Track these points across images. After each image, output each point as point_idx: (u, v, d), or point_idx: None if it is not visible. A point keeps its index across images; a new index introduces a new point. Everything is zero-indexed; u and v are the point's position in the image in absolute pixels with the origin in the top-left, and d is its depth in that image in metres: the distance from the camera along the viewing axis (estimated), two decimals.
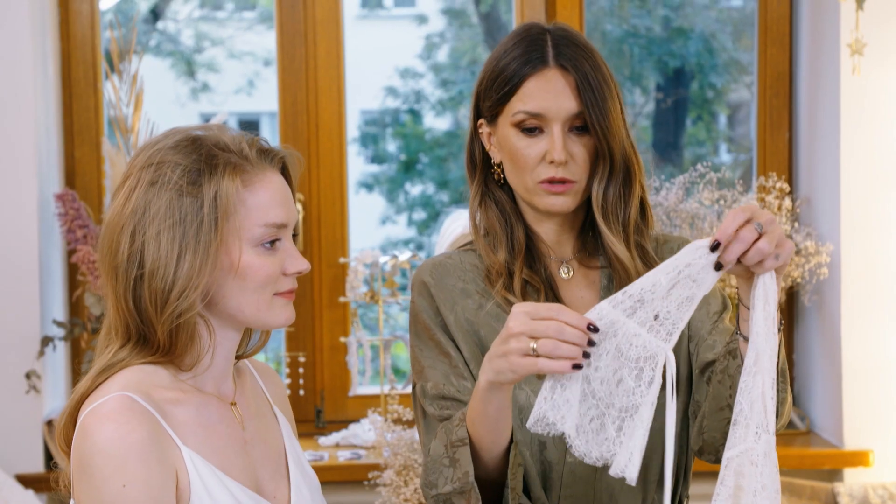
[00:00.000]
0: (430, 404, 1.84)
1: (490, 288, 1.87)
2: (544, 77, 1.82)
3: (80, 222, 3.18)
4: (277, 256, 1.64)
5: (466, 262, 1.91)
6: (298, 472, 1.75)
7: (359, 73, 3.90)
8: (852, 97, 3.22)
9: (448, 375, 1.84)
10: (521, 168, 1.85)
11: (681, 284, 1.58)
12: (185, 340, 1.61)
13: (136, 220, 1.59)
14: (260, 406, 1.76)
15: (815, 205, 3.41)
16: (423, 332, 1.88)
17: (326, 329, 3.49)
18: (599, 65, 1.84)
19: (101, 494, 1.52)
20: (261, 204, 1.62)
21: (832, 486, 3.19)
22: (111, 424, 1.53)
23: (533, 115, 1.82)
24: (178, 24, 6.96)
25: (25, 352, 3.16)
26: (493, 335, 1.82)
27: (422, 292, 1.89)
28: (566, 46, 1.84)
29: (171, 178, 1.59)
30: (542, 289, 1.87)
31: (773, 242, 1.57)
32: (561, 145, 1.81)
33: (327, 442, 3.34)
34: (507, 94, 1.84)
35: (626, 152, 1.86)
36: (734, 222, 1.56)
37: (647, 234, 1.91)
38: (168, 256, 1.58)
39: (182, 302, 1.58)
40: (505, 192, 1.92)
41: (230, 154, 1.61)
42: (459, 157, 6.87)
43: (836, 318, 3.29)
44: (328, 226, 3.50)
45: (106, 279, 1.63)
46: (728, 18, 5.97)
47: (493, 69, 1.87)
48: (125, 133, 3.28)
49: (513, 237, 1.90)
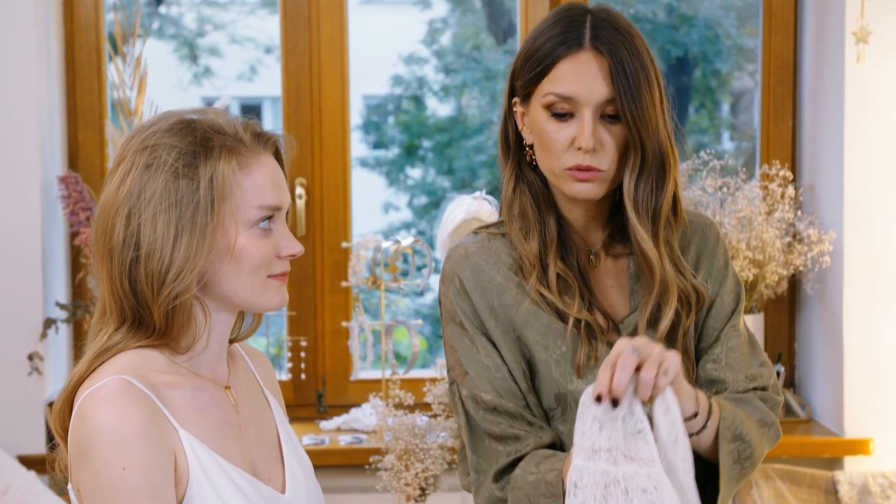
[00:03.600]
0: (483, 417, 1.82)
1: (524, 281, 1.84)
2: (578, 60, 1.77)
3: (83, 205, 3.18)
4: (272, 239, 1.64)
5: (498, 251, 1.87)
6: (292, 454, 1.75)
7: (361, 59, 3.90)
8: (856, 85, 3.22)
9: (494, 385, 1.81)
10: (549, 152, 1.80)
11: (608, 426, 1.60)
12: (182, 323, 1.61)
13: (131, 203, 1.59)
14: (252, 390, 1.77)
15: (818, 193, 3.41)
16: (461, 332, 1.84)
17: (328, 313, 3.50)
18: (639, 51, 1.78)
19: (100, 478, 1.52)
20: (256, 186, 1.62)
21: (832, 475, 3.20)
22: (109, 408, 1.53)
23: (564, 98, 1.77)
24: (181, 8, 6.95)
25: (28, 334, 3.17)
26: (532, 334, 1.82)
27: (459, 290, 1.85)
28: (605, 30, 1.78)
29: (167, 161, 1.59)
30: (575, 284, 1.83)
31: (654, 365, 1.60)
32: (590, 132, 1.76)
33: (328, 426, 3.34)
34: (540, 75, 1.79)
35: (662, 145, 1.80)
36: (606, 370, 1.60)
37: (677, 230, 1.86)
38: (164, 238, 1.58)
39: (178, 284, 1.58)
40: (538, 174, 1.87)
41: (225, 137, 1.62)
42: (462, 143, 6.87)
43: (837, 306, 3.29)
44: (330, 210, 3.49)
45: (100, 261, 1.63)
46: (732, 6, 5.96)
47: (528, 47, 1.82)
48: (128, 116, 3.28)
49: (545, 226, 1.85)
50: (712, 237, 1.92)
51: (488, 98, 6.83)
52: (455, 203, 3.34)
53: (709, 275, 1.90)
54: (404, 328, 3.34)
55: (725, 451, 1.77)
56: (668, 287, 1.82)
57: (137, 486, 1.52)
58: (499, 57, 6.73)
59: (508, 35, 6.73)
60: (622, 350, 1.61)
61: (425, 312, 6.70)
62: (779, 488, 3.17)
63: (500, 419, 1.81)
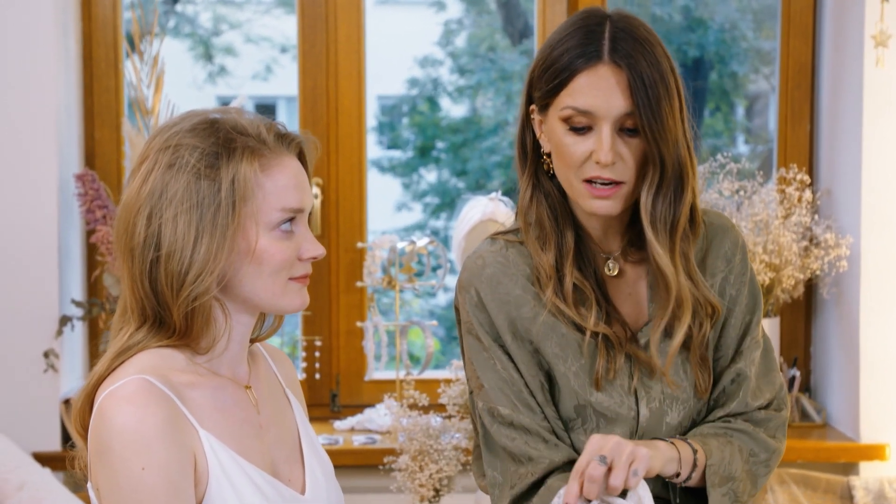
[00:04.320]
0: (498, 431, 1.82)
1: (541, 293, 1.82)
2: (596, 73, 1.74)
3: (100, 202, 3.19)
4: (293, 241, 1.64)
5: (516, 261, 1.85)
6: (313, 455, 1.75)
7: (377, 59, 3.90)
8: (875, 89, 3.21)
9: (511, 398, 1.81)
10: (567, 165, 1.78)
11: None
12: (201, 324, 1.61)
13: (153, 203, 1.59)
14: (273, 390, 1.76)
15: (835, 197, 3.40)
16: (477, 344, 1.84)
17: (343, 314, 3.50)
18: (658, 61, 1.75)
19: (119, 477, 1.52)
20: (278, 188, 1.62)
21: (848, 480, 3.19)
22: (129, 407, 1.53)
23: (581, 112, 1.75)
24: (197, 7, 6.96)
25: (44, 331, 3.17)
26: (550, 347, 1.81)
27: (476, 302, 1.84)
28: (624, 41, 1.74)
29: (189, 161, 1.58)
30: (591, 296, 1.82)
31: (624, 469, 1.64)
32: (609, 146, 1.74)
33: (342, 426, 3.34)
34: (557, 87, 1.76)
35: (681, 157, 1.77)
36: (575, 480, 1.64)
37: (694, 241, 1.84)
38: (185, 239, 1.57)
39: (198, 285, 1.58)
40: (555, 183, 1.85)
41: (248, 138, 1.61)
42: (476, 145, 6.86)
43: (854, 311, 3.28)
44: (346, 210, 3.49)
45: (122, 260, 1.63)
46: (749, 8, 5.95)
47: (546, 57, 1.79)
48: (145, 114, 3.28)
49: (562, 237, 1.84)
50: (731, 240, 1.91)
51: (503, 99, 6.82)
52: (471, 204, 3.34)
53: (726, 280, 1.89)
54: (419, 329, 3.34)
55: (717, 496, 1.80)
56: (683, 302, 1.81)
57: (156, 486, 1.51)
58: (514, 58, 6.73)
59: (524, 36, 6.73)
60: (590, 459, 1.64)
61: (439, 313, 6.70)
62: (794, 493, 3.16)
63: (514, 434, 1.81)
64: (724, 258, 1.89)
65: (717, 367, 1.88)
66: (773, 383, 1.91)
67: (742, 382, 1.87)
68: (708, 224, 1.90)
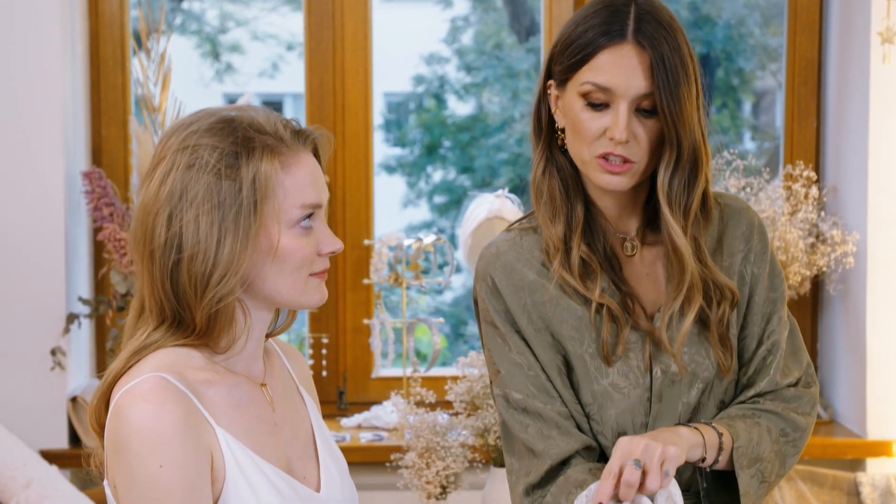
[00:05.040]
0: (512, 417, 1.84)
1: (549, 264, 1.85)
2: (619, 52, 1.75)
3: (107, 200, 3.19)
4: (312, 237, 1.63)
5: (530, 247, 1.88)
6: (327, 452, 1.74)
7: (383, 56, 3.90)
8: (882, 86, 3.20)
9: (525, 383, 1.83)
10: (581, 139, 1.80)
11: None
12: (224, 324, 1.60)
13: (172, 204, 1.57)
14: (287, 387, 1.76)
15: (842, 194, 3.39)
16: (493, 331, 1.86)
17: (350, 311, 3.50)
18: (680, 46, 1.77)
19: (136, 475, 1.51)
20: (297, 185, 1.61)
21: (854, 476, 3.18)
22: (146, 405, 1.52)
23: (601, 89, 1.77)
24: (203, 4, 6.97)
25: (51, 328, 3.18)
26: (566, 329, 1.83)
27: (491, 289, 1.86)
28: (648, 23, 1.76)
29: (209, 162, 1.57)
30: (598, 269, 1.84)
31: (657, 473, 1.66)
32: (624, 124, 1.76)
33: (349, 423, 3.35)
34: (579, 63, 1.78)
35: (696, 141, 1.79)
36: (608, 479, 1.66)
37: (705, 227, 1.86)
38: (207, 241, 1.56)
39: (223, 287, 1.57)
40: (567, 158, 1.87)
41: (266, 136, 1.60)
42: (482, 142, 6.86)
43: (861, 307, 3.27)
44: (353, 208, 3.50)
45: (140, 262, 1.61)
46: (756, 5, 5.94)
47: (570, 33, 1.80)
48: (152, 112, 3.29)
49: (572, 210, 1.86)
50: (748, 221, 1.91)
51: (510, 96, 6.82)
52: (477, 202, 3.34)
53: (746, 259, 1.89)
54: (425, 326, 3.34)
55: (746, 478, 1.81)
56: (695, 283, 1.82)
57: (173, 484, 1.51)
58: (521, 55, 6.73)
59: (531, 33, 6.73)
60: (622, 462, 1.66)
61: (446, 310, 6.70)
62: (801, 489, 3.16)
63: (528, 420, 1.82)
64: (743, 238, 1.90)
65: (745, 347, 1.89)
66: (800, 361, 1.92)
67: (772, 361, 1.88)
68: (724, 206, 1.91)
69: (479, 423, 2.84)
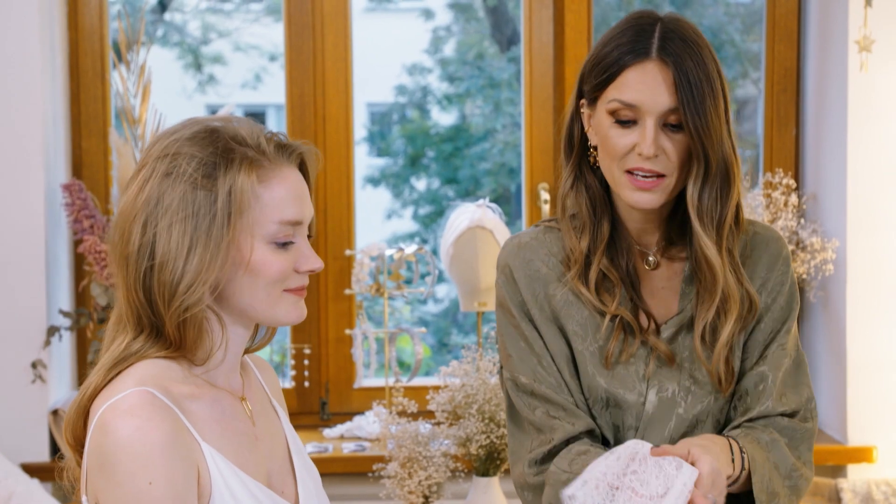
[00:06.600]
0: (520, 400, 1.91)
1: (566, 272, 1.91)
2: (643, 69, 1.81)
3: (87, 212, 3.18)
4: (291, 253, 1.62)
5: (551, 243, 1.94)
6: (302, 465, 1.74)
7: (365, 67, 3.90)
8: (860, 94, 3.22)
9: (535, 369, 1.90)
10: (611, 156, 1.84)
11: None
12: (193, 335, 1.59)
13: (148, 211, 1.57)
14: (262, 400, 1.75)
15: (821, 201, 3.41)
16: (507, 318, 1.93)
17: (332, 321, 3.50)
18: (706, 62, 1.81)
19: (125, 492, 1.49)
20: (276, 200, 1.60)
21: (836, 482, 3.19)
22: (134, 420, 1.50)
23: (627, 106, 1.81)
24: (185, 15, 6.96)
25: (31, 341, 3.17)
26: (572, 325, 1.89)
27: (508, 278, 1.93)
28: (672, 40, 1.81)
29: (186, 171, 1.56)
30: (617, 284, 1.89)
31: None
32: (651, 139, 1.80)
33: (332, 434, 3.34)
34: (606, 81, 1.83)
35: (726, 154, 1.83)
36: None
37: (738, 239, 1.90)
38: (178, 249, 1.55)
39: (189, 296, 1.56)
40: (597, 177, 1.91)
41: (247, 148, 1.59)
42: (465, 152, 6.87)
43: (841, 314, 3.28)
44: (334, 218, 3.50)
45: (117, 268, 1.61)
46: (737, 13, 5.97)
47: (598, 52, 1.86)
48: (132, 124, 3.28)
49: (598, 227, 1.91)
50: (775, 250, 1.95)
51: (492, 106, 6.83)
52: (459, 211, 3.34)
53: (763, 287, 1.93)
54: (408, 336, 3.34)
55: None
56: (730, 295, 1.86)
57: (163, 500, 1.49)
58: (502, 65, 6.74)
59: (512, 43, 6.74)
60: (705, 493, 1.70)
61: (428, 320, 6.70)
62: None
63: (536, 402, 1.89)
64: (766, 266, 1.93)
65: (741, 369, 1.92)
66: (800, 394, 1.95)
67: (765, 387, 1.91)
68: (753, 234, 1.95)
69: (461, 433, 2.84)
